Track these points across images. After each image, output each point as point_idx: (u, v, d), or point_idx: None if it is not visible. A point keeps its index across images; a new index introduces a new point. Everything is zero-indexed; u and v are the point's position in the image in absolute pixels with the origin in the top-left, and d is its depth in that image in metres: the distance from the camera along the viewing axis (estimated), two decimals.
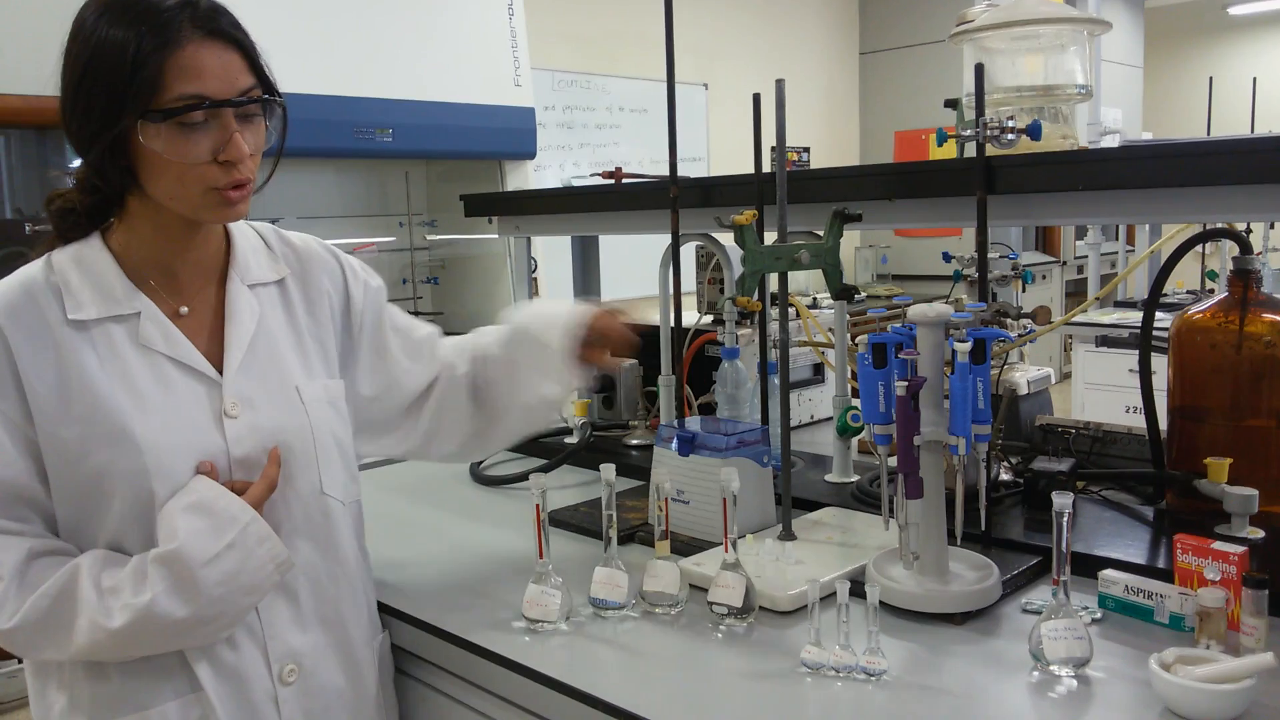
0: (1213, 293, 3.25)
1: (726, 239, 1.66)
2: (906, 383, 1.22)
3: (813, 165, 6.92)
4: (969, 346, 1.21)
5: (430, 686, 1.39)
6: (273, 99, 1.16)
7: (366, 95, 3.48)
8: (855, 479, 1.79)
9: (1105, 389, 4.10)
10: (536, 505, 1.29)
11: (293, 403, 1.23)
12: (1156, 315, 1.59)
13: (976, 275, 1.55)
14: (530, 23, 4.11)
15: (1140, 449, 1.69)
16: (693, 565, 1.39)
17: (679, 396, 1.95)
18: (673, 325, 1.77)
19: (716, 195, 1.80)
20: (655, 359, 1.98)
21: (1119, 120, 6.78)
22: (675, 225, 1.69)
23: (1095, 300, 2.69)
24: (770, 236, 1.52)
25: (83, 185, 1.17)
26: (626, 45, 5.90)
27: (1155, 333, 1.59)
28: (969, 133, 1.49)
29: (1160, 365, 1.55)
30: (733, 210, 1.47)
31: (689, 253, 2.25)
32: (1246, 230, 1.70)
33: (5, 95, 2.85)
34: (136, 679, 1.14)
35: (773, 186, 1.52)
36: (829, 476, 1.81)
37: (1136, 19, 7.88)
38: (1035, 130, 1.50)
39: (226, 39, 1.11)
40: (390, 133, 3.53)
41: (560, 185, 5.07)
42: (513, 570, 1.47)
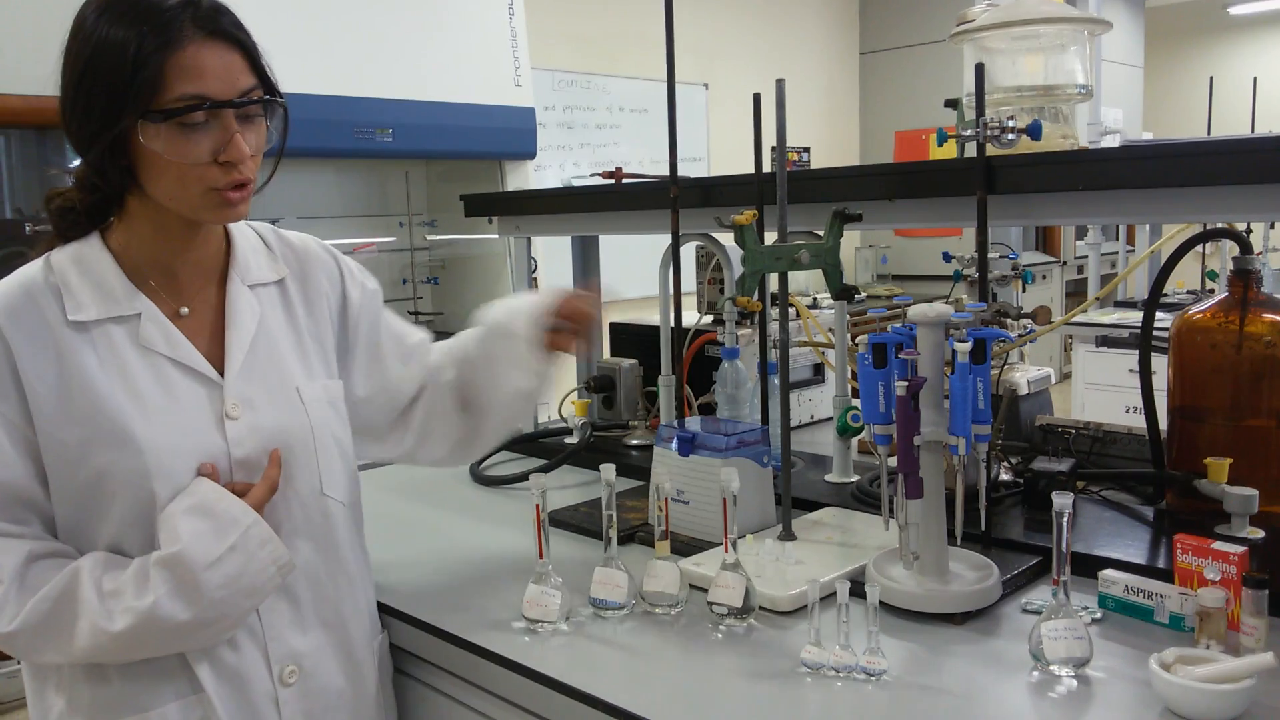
0: (1213, 293, 3.26)
1: (726, 239, 1.66)
2: (906, 383, 1.22)
3: (813, 165, 6.92)
4: (969, 346, 1.21)
5: (430, 687, 1.39)
6: (274, 99, 1.15)
7: (366, 95, 3.47)
8: (855, 479, 1.79)
9: (1105, 389, 4.10)
10: (536, 505, 1.29)
11: (293, 404, 1.23)
12: (1156, 315, 1.59)
13: (976, 275, 1.55)
14: (530, 23, 4.11)
15: (1140, 449, 1.69)
16: (693, 565, 1.39)
17: (679, 396, 1.96)
18: (673, 325, 1.77)
19: (716, 195, 1.80)
20: (655, 359, 1.98)
21: (1119, 120, 6.78)
22: (675, 225, 1.69)
23: (1095, 300, 2.68)
24: (770, 236, 1.52)
25: (82, 184, 1.16)
26: (626, 45, 5.90)
27: (1155, 333, 1.59)
28: (969, 133, 1.49)
29: (1160, 365, 1.55)
30: (733, 210, 1.47)
31: (689, 253, 2.25)
32: (1246, 230, 1.70)
33: (5, 95, 2.84)
34: (137, 681, 1.14)
35: (773, 186, 1.52)
36: (829, 476, 1.81)
37: (1137, 19, 7.88)
38: (1035, 130, 1.50)
39: (228, 39, 1.10)
40: (390, 133, 3.53)
41: (560, 185, 5.07)
42: (513, 570, 1.47)
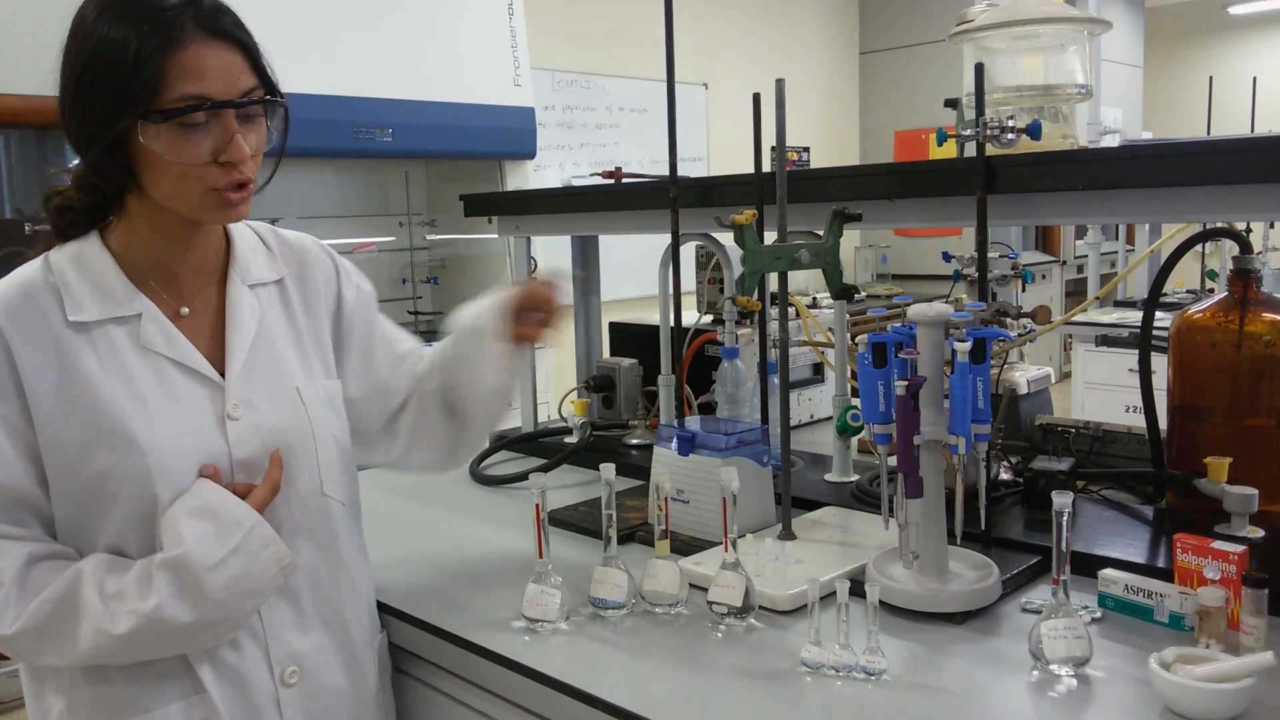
0: (1213, 292, 3.25)
1: (726, 239, 1.66)
2: (906, 382, 1.22)
3: (813, 165, 6.92)
4: (969, 346, 1.21)
5: (430, 686, 1.39)
6: (275, 99, 1.15)
7: (366, 95, 3.48)
8: (855, 478, 1.79)
9: (1105, 388, 4.10)
10: (536, 505, 1.29)
11: (294, 404, 1.23)
12: (1156, 315, 1.59)
13: (976, 275, 1.55)
14: (530, 23, 4.11)
15: (1140, 448, 1.69)
16: (692, 565, 1.39)
17: (679, 396, 1.96)
18: (672, 325, 1.77)
19: (716, 195, 1.80)
20: (655, 358, 1.98)
21: (1119, 120, 6.78)
22: (675, 225, 1.69)
23: (1095, 300, 2.69)
24: (770, 236, 1.52)
25: (81, 183, 1.16)
26: (626, 45, 5.90)
27: (1155, 332, 1.59)
28: (969, 132, 1.48)
29: (1160, 365, 1.55)
30: (733, 210, 1.47)
31: (689, 252, 2.25)
32: (1246, 230, 1.70)
33: (5, 95, 2.85)
34: (138, 682, 1.13)
35: (773, 186, 1.52)
36: (829, 476, 1.81)
37: (1136, 19, 7.88)
38: (1035, 130, 1.50)
39: (229, 39, 1.10)
40: (390, 133, 3.53)
41: (560, 185, 5.08)
42: (513, 570, 1.47)
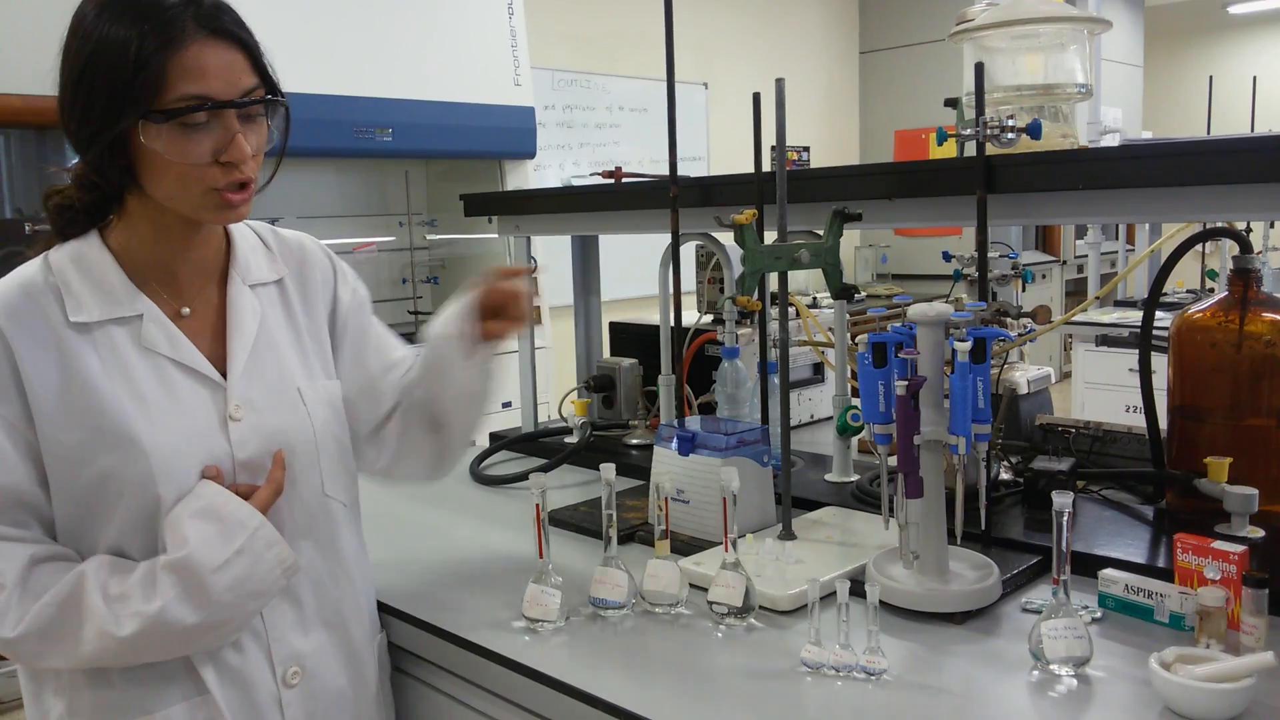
0: (1213, 292, 3.25)
1: (726, 238, 1.66)
2: (906, 382, 1.22)
3: (813, 165, 6.92)
4: (969, 346, 1.21)
5: (430, 686, 1.39)
6: (276, 99, 1.14)
7: (366, 95, 3.48)
8: (855, 478, 1.79)
9: (1105, 388, 4.10)
10: (536, 505, 1.29)
11: (295, 405, 1.22)
12: (1156, 314, 1.59)
13: (976, 274, 1.55)
14: (530, 22, 4.11)
15: (1140, 448, 1.69)
16: (693, 565, 1.39)
17: (679, 396, 1.96)
18: (673, 325, 1.77)
19: (716, 195, 1.80)
20: (655, 358, 1.98)
21: (1119, 119, 6.78)
22: (675, 225, 1.69)
23: (1095, 299, 2.68)
24: (770, 236, 1.52)
25: (81, 182, 1.15)
26: (626, 45, 5.90)
27: (1155, 332, 1.59)
28: (969, 132, 1.48)
29: (1160, 364, 1.55)
30: (733, 210, 1.47)
31: (689, 252, 2.25)
32: (1246, 229, 1.70)
33: (5, 95, 2.85)
34: (140, 684, 1.13)
35: (773, 186, 1.52)
36: (829, 476, 1.81)
37: (1136, 18, 7.88)
38: (1035, 129, 1.50)
39: (230, 38, 1.09)
40: (390, 132, 3.53)
41: (560, 185, 5.08)
42: (512, 570, 1.47)
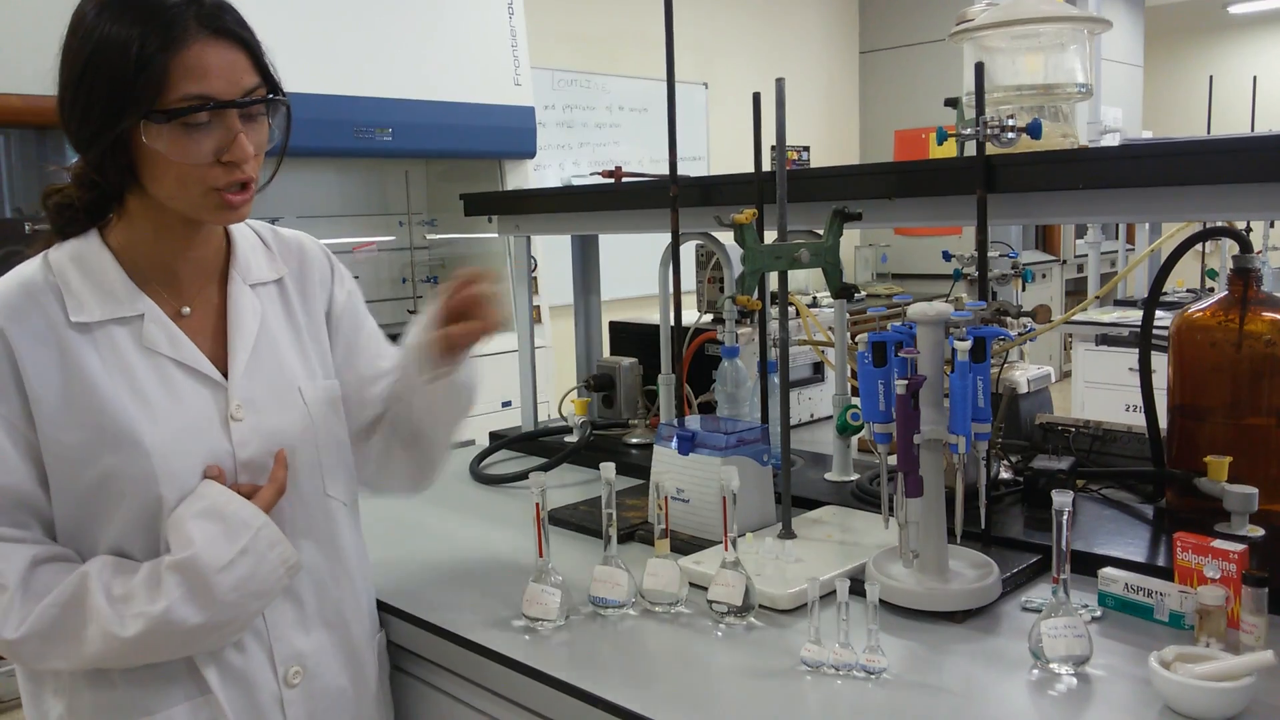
0: (1213, 291, 3.26)
1: (726, 238, 1.66)
2: (906, 381, 1.22)
3: (813, 164, 6.93)
4: (969, 345, 1.21)
5: (430, 685, 1.39)
6: (277, 98, 1.13)
7: (366, 95, 3.48)
8: (855, 477, 1.79)
9: (1105, 387, 4.10)
10: (536, 504, 1.29)
11: (296, 404, 1.22)
12: (1156, 314, 1.59)
13: (976, 274, 1.55)
14: (530, 22, 4.11)
15: (1140, 447, 1.69)
16: (692, 564, 1.39)
17: (679, 395, 1.96)
18: (672, 324, 1.77)
19: (716, 194, 1.80)
20: (655, 358, 1.98)
21: (1119, 119, 6.78)
22: (675, 224, 1.69)
23: (1095, 299, 2.69)
24: (770, 235, 1.52)
25: (81, 181, 1.15)
26: (626, 45, 5.90)
27: (1155, 331, 1.59)
28: (969, 131, 1.48)
29: (1160, 364, 1.55)
30: (733, 209, 1.47)
31: (689, 252, 2.25)
32: (1246, 229, 1.70)
33: (5, 95, 2.85)
34: (142, 685, 1.13)
35: (773, 185, 1.52)
36: (829, 475, 1.81)
37: (1136, 18, 7.88)
38: (1035, 129, 1.50)
39: (232, 37, 1.09)
40: (390, 132, 3.54)
41: (560, 184, 5.08)
42: (512, 569, 1.47)
